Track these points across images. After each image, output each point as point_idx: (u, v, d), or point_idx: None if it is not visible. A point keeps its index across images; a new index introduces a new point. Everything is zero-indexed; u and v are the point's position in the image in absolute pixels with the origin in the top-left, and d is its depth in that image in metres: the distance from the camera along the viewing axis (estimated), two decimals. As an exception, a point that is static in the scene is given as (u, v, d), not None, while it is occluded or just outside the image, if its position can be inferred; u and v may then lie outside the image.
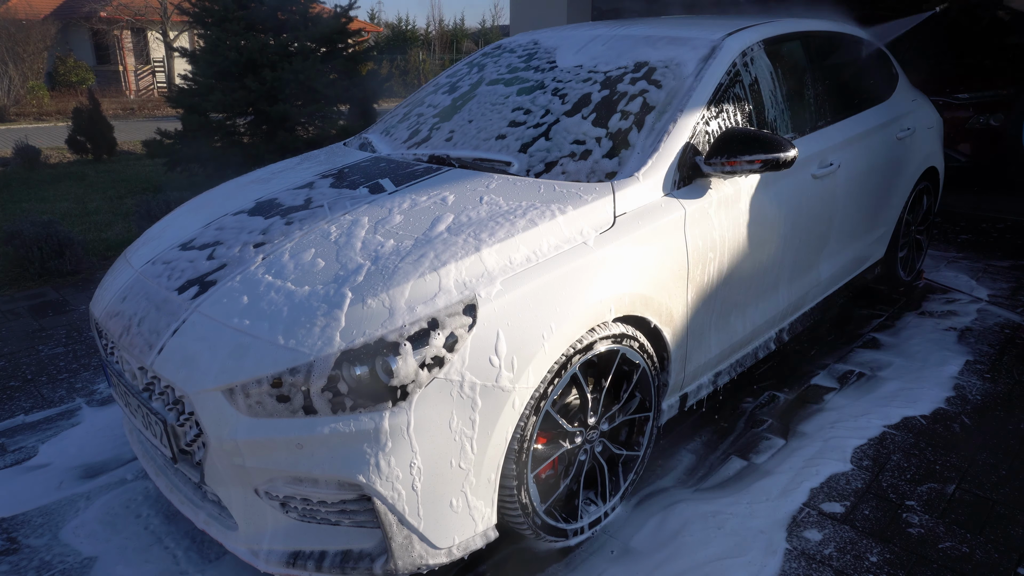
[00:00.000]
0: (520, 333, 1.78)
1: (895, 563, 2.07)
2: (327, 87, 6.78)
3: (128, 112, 18.24)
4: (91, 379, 3.25)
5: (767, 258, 2.66)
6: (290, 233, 2.06)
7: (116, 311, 2.08)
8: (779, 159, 2.26)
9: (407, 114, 3.14)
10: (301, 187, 2.43)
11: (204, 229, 2.25)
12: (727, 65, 2.58)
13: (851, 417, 2.81)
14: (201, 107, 6.75)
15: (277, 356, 1.67)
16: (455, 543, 1.82)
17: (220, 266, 1.99)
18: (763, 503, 2.32)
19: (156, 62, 24.92)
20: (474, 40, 35.17)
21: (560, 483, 2.07)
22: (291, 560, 1.78)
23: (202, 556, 2.13)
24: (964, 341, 3.47)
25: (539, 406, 1.86)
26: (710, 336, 2.47)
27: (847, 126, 3.20)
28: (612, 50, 2.80)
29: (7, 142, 10.85)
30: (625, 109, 2.46)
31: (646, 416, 2.28)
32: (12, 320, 3.92)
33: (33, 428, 2.85)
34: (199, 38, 7.24)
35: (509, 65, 3.04)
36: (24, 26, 18.74)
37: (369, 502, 1.70)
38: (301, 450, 1.66)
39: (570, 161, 2.35)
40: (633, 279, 2.05)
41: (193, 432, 1.78)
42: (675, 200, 2.26)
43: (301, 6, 7.07)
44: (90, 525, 2.27)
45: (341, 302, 1.73)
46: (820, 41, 3.27)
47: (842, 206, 3.10)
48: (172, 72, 21.86)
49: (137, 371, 1.93)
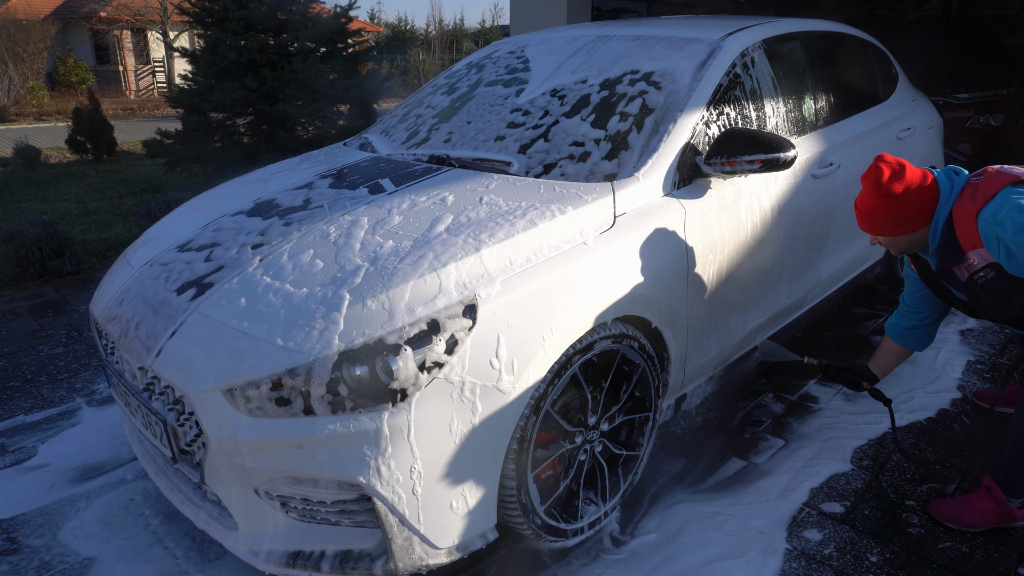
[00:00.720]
0: (520, 333, 1.78)
1: (895, 563, 2.07)
2: (327, 87, 6.77)
3: (128, 112, 18.24)
4: (91, 379, 3.25)
5: (767, 258, 2.66)
6: (288, 234, 2.06)
7: (116, 311, 2.08)
8: (779, 159, 2.26)
9: (406, 115, 3.14)
10: (300, 187, 2.43)
11: (202, 230, 2.25)
12: (727, 65, 2.58)
13: (851, 417, 2.81)
14: (201, 107, 6.75)
15: (277, 356, 1.67)
16: (455, 543, 1.82)
17: (217, 268, 1.99)
18: (763, 503, 2.32)
19: (156, 62, 24.92)
20: (474, 40, 35.18)
21: (560, 483, 2.07)
22: (291, 560, 1.78)
23: (202, 556, 2.13)
24: (965, 341, 3.47)
25: (539, 406, 1.86)
26: (710, 336, 2.47)
27: (847, 126, 3.20)
28: (612, 51, 2.80)
29: (7, 142, 10.86)
30: (625, 110, 2.46)
31: (646, 416, 2.28)
32: (12, 320, 3.93)
33: (33, 428, 2.85)
34: (199, 38, 7.24)
35: (508, 66, 3.04)
36: (24, 26, 18.74)
37: (369, 502, 1.71)
38: (301, 450, 1.66)
39: (570, 161, 2.35)
40: (633, 279, 2.05)
41: (193, 432, 1.78)
42: (675, 200, 2.26)
43: (301, 6, 7.06)
44: (90, 525, 2.27)
45: (340, 303, 1.73)
46: (820, 41, 3.27)
47: (842, 206, 3.10)
48: (172, 72, 21.86)
49: (137, 371, 1.93)
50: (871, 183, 2.02)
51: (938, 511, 2.24)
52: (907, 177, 2.00)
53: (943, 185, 2.03)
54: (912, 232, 2.06)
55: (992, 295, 2.03)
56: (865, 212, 2.09)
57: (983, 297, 2.06)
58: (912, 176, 2.01)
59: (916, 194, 2.00)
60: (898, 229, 2.06)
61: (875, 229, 2.10)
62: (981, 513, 2.17)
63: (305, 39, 6.91)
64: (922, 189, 2.00)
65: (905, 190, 1.99)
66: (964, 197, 1.98)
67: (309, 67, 6.66)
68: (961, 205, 1.97)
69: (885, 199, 2.01)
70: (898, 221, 2.04)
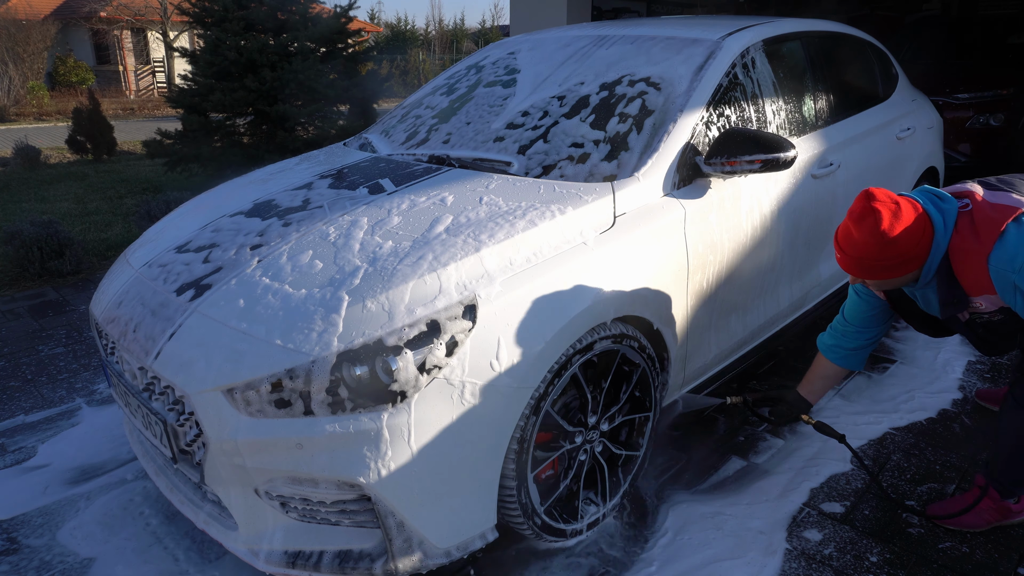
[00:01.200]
0: (520, 333, 1.78)
1: (895, 563, 2.07)
2: (327, 87, 6.77)
3: (128, 112, 18.24)
4: (91, 379, 3.25)
5: (767, 258, 2.66)
6: (287, 235, 2.06)
7: (116, 312, 2.08)
8: (779, 159, 2.26)
9: (406, 115, 3.14)
10: (299, 188, 2.43)
11: (200, 231, 2.25)
12: (727, 65, 2.58)
13: (851, 417, 2.81)
14: (201, 107, 6.75)
15: (277, 356, 1.67)
16: (455, 543, 1.82)
17: (215, 269, 1.99)
18: (763, 503, 2.32)
19: (156, 62, 24.92)
20: (474, 40, 35.18)
21: (560, 483, 2.07)
22: (291, 560, 1.78)
23: (202, 556, 2.13)
24: (964, 341, 3.47)
25: (539, 406, 1.86)
26: (710, 336, 2.47)
27: (847, 126, 3.20)
28: (612, 52, 2.80)
29: (7, 142, 10.86)
30: (624, 110, 2.46)
31: (646, 416, 2.28)
32: (12, 320, 3.92)
33: (33, 428, 2.85)
34: (199, 38, 7.24)
35: (508, 67, 3.04)
36: (24, 26, 18.75)
37: (369, 502, 1.71)
38: (301, 450, 1.66)
39: (570, 162, 2.35)
40: (633, 279, 2.05)
41: (193, 432, 1.78)
42: (675, 200, 2.26)
43: (301, 6, 7.06)
44: (90, 525, 2.27)
45: (340, 303, 1.73)
46: (820, 41, 3.27)
47: (842, 206, 3.10)
48: (172, 72, 21.85)
49: (137, 371, 1.93)
50: (867, 228, 1.81)
51: (937, 514, 2.23)
52: (904, 217, 1.80)
53: (935, 219, 1.85)
54: (907, 275, 1.89)
55: (997, 335, 1.94)
56: (855, 256, 1.87)
57: (987, 337, 1.97)
58: (908, 215, 1.81)
59: (916, 237, 1.82)
60: (894, 274, 1.87)
61: (866, 274, 1.90)
62: (978, 512, 2.17)
63: (305, 39, 6.92)
64: (919, 229, 1.82)
65: (904, 233, 1.80)
66: (962, 234, 1.82)
67: (309, 67, 6.67)
68: (961, 244, 1.82)
69: (886, 247, 1.81)
70: (895, 267, 1.86)
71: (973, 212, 1.85)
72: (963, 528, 2.18)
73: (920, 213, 1.84)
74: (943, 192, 1.93)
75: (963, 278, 1.85)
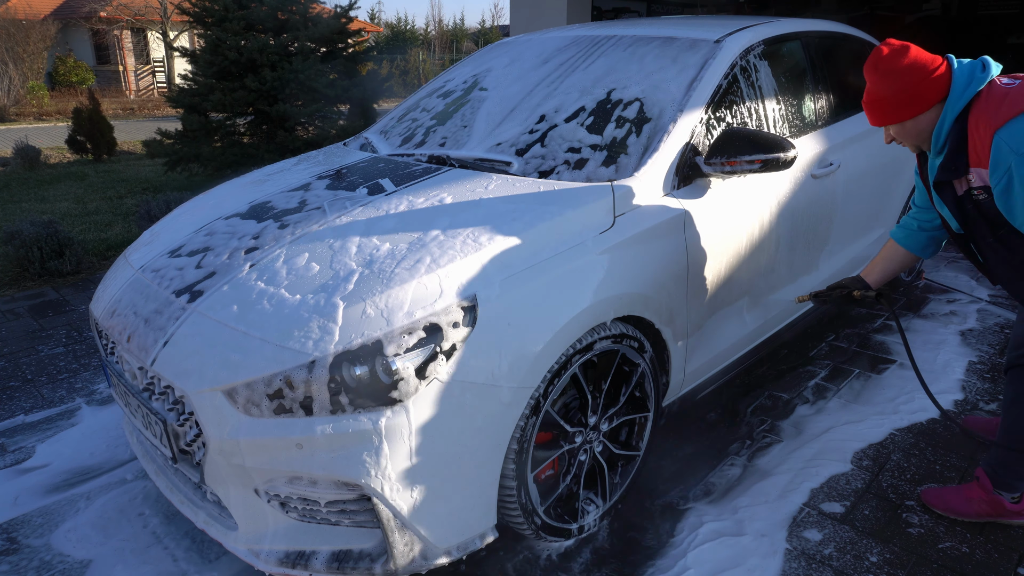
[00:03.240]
0: (520, 334, 1.78)
1: (895, 563, 2.07)
2: (327, 87, 6.78)
3: (128, 112, 18.24)
4: (91, 379, 3.25)
5: (767, 258, 2.66)
6: (281, 238, 2.05)
7: (116, 311, 2.07)
8: (779, 159, 2.26)
9: (404, 116, 3.14)
10: (296, 189, 2.42)
11: (194, 235, 2.24)
12: (726, 66, 2.58)
13: (851, 418, 2.81)
14: (201, 107, 6.76)
15: (277, 357, 1.67)
16: (455, 543, 1.82)
17: (208, 274, 1.97)
18: (763, 504, 2.32)
19: (156, 62, 24.92)
20: (474, 40, 35.19)
21: (560, 483, 2.07)
22: (291, 560, 1.78)
23: (202, 556, 2.13)
24: (965, 342, 3.47)
25: (539, 406, 1.86)
26: (711, 336, 2.47)
27: (847, 126, 3.20)
28: (613, 53, 2.80)
29: (7, 142, 10.86)
30: (624, 111, 2.46)
31: (646, 416, 2.28)
32: (12, 320, 3.93)
33: (33, 428, 2.85)
34: (199, 38, 7.25)
35: (508, 68, 3.04)
36: (24, 26, 18.74)
37: (368, 502, 1.71)
38: (301, 450, 1.66)
39: (569, 163, 2.35)
40: (633, 279, 2.05)
41: (193, 432, 1.78)
42: (675, 200, 2.26)
43: (301, 6, 7.07)
44: (90, 525, 2.27)
45: (339, 305, 1.73)
46: (820, 41, 3.27)
47: (842, 206, 3.10)
48: (172, 72, 21.86)
49: (137, 371, 1.93)
50: (871, 63, 1.90)
51: (929, 498, 2.26)
52: (911, 55, 1.86)
53: (959, 75, 1.85)
54: (919, 116, 1.89)
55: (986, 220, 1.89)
56: (869, 101, 1.95)
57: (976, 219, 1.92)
58: (918, 55, 1.86)
59: (920, 73, 1.84)
60: (902, 113, 1.89)
61: (879, 115, 1.94)
62: (969, 501, 2.18)
63: (305, 39, 6.92)
64: (928, 69, 1.84)
65: (908, 67, 1.85)
66: (989, 100, 1.79)
67: (309, 67, 6.67)
68: (982, 111, 1.79)
69: (886, 77, 1.87)
70: (901, 103, 1.88)
71: (1011, 90, 1.80)
72: (951, 515, 2.20)
73: (937, 60, 1.87)
74: (996, 67, 1.90)
75: (971, 144, 1.83)
